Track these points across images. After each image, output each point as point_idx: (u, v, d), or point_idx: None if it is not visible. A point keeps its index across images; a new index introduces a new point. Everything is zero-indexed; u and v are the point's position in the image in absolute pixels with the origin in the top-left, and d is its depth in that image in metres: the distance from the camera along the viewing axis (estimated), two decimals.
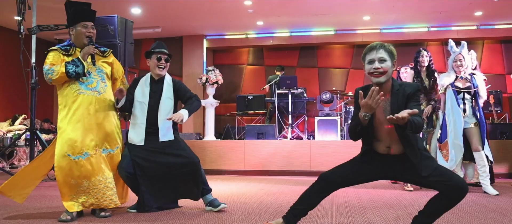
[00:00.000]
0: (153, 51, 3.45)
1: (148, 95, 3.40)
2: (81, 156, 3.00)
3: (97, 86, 3.17)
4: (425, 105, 4.68)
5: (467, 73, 4.51)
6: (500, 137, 6.21)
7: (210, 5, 7.97)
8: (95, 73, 3.20)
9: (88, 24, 3.19)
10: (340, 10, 8.25)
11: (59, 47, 3.19)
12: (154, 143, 3.34)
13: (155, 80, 3.47)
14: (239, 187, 4.92)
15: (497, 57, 9.65)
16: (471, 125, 4.39)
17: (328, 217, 3.13)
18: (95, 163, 3.05)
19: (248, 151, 6.54)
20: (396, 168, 2.43)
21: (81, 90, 3.09)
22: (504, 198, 4.03)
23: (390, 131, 2.39)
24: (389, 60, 2.40)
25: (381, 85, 2.39)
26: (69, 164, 2.97)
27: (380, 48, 2.41)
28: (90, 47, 3.14)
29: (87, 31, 3.17)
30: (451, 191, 2.25)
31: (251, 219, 3.08)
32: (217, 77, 8.83)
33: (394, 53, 2.44)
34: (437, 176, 2.30)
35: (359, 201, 3.86)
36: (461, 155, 4.39)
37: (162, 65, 3.43)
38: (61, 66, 3.03)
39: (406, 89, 2.40)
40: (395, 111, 2.28)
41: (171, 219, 3.08)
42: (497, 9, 8.10)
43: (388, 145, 2.42)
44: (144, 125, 3.34)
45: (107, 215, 3.13)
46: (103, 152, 3.14)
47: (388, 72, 2.39)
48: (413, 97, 2.38)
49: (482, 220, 3.01)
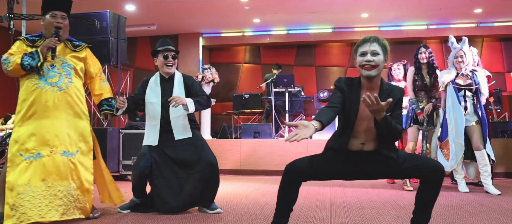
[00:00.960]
0: (159, 49, 3.31)
1: (160, 94, 3.28)
2: (33, 156, 2.73)
3: (59, 82, 2.87)
4: (426, 103, 4.57)
5: (468, 70, 4.40)
6: (501, 136, 6.11)
7: (206, 2, 7.84)
8: (60, 67, 2.91)
9: (57, 14, 2.93)
10: (338, 7, 8.13)
11: (25, 37, 2.96)
12: (170, 141, 3.22)
13: (166, 78, 3.33)
14: (235, 187, 4.81)
15: (496, 55, 9.56)
16: (473, 123, 4.29)
17: (326, 217, 3.03)
18: (52, 165, 2.76)
19: (244, 151, 6.42)
20: (367, 165, 2.35)
21: (39, 84, 2.82)
22: (507, 198, 3.92)
23: (368, 127, 2.32)
24: (381, 54, 2.31)
25: (371, 79, 2.32)
26: (19, 165, 2.71)
27: (374, 41, 2.32)
28: (52, 39, 2.83)
29: (55, 21, 2.91)
30: (428, 174, 2.23)
31: (246, 220, 2.97)
32: (213, 75, 8.72)
33: (388, 47, 2.36)
34: (410, 163, 2.28)
35: (358, 201, 3.74)
36: (462, 154, 4.28)
37: (170, 63, 3.29)
38: (18, 57, 2.78)
39: (395, 92, 2.35)
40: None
41: (163, 220, 2.96)
42: (497, 6, 8.01)
43: (363, 141, 2.35)
44: (158, 126, 3.24)
45: (96, 216, 3.00)
46: (64, 155, 2.81)
47: (380, 66, 2.30)
48: (400, 104, 2.38)
49: (485, 220, 2.90)
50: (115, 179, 5.45)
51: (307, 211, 3.26)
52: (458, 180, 4.41)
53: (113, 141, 5.32)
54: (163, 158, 3.22)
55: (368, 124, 2.32)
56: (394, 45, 9.93)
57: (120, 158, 5.41)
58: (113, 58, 5.52)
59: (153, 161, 3.21)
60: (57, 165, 2.77)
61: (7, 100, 9.39)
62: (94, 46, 3.41)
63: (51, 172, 2.75)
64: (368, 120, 2.31)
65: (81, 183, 2.88)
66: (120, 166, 5.42)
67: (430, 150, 4.61)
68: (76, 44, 3.08)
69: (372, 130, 2.32)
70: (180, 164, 3.21)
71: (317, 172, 2.33)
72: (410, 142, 4.61)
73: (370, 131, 2.33)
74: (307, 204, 3.62)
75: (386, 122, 2.18)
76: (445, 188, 4.65)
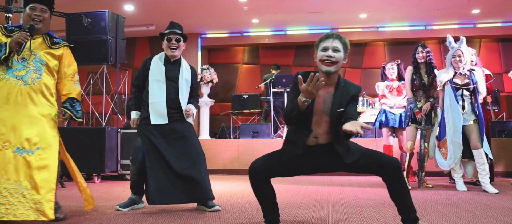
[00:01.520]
0: (164, 32, 3.32)
1: (164, 74, 3.26)
2: None
3: (26, 76, 2.74)
4: (424, 102, 4.58)
5: (466, 69, 4.41)
6: (498, 135, 6.13)
7: (205, 2, 7.85)
8: (31, 62, 2.78)
9: (36, 7, 2.81)
10: (337, 8, 8.15)
11: (4, 26, 2.83)
12: (172, 125, 3.24)
13: (171, 61, 3.33)
14: (233, 186, 4.81)
15: (494, 56, 9.58)
16: (470, 122, 4.30)
17: (324, 216, 3.02)
18: (1, 161, 2.59)
19: (242, 150, 6.43)
20: (324, 160, 2.40)
21: (5, 75, 2.71)
22: (505, 196, 3.93)
23: (321, 121, 2.37)
24: (342, 52, 2.37)
25: (330, 75, 2.37)
26: None
27: (336, 38, 2.38)
28: (23, 34, 2.69)
29: (34, 13, 2.79)
30: (384, 170, 2.28)
31: (243, 218, 2.97)
32: (212, 75, 8.71)
33: (348, 46, 2.43)
34: (366, 159, 2.32)
35: (356, 200, 3.75)
36: (460, 153, 4.29)
37: (174, 46, 3.28)
38: None
39: (351, 89, 2.42)
40: (336, 105, 2.35)
41: (161, 217, 2.96)
42: (495, 6, 8.03)
43: (316, 135, 2.39)
44: (165, 103, 3.21)
45: (61, 217, 2.82)
46: (17, 152, 2.62)
47: (339, 63, 2.37)
48: (355, 99, 2.43)
49: (483, 219, 2.90)
50: (113, 178, 5.51)
51: (305, 210, 3.26)
52: (456, 179, 4.42)
53: (111, 140, 5.32)
54: (156, 150, 3.20)
55: (319, 118, 2.37)
56: (392, 46, 9.95)
57: (118, 158, 5.41)
58: (112, 58, 5.53)
59: (146, 152, 3.20)
60: (6, 162, 2.60)
61: None
62: (93, 46, 3.40)
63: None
64: (319, 114, 2.36)
65: (35, 184, 2.61)
66: (118, 166, 5.42)
67: (428, 149, 4.62)
68: (54, 40, 2.93)
69: (323, 124, 2.37)
70: (172, 156, 3.19)
71: (276, 169, 2.37)
72: (408, 141, 4.63)
73: (321, 125, 2.38)
74: (305, 202, 3.62)
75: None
76: (444, 187, 4.67)
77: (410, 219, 2.33)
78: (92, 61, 5.53)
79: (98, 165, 5.18)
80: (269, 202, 2.42)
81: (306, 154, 2.39)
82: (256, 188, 2.37)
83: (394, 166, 2.27)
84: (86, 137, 5.18)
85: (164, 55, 3.35)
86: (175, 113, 3.26)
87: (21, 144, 2.64)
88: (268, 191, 2.39)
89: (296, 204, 3.56)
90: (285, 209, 3.29)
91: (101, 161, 5.17)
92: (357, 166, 2.37)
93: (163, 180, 3.16)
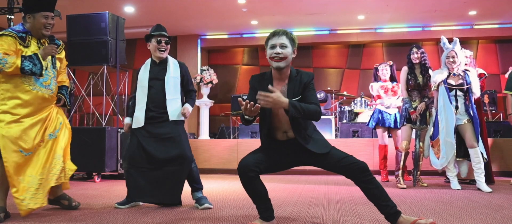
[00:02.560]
0: (153, 34, 3.40)
1: (147, 77, 3.37)
2: (32, 152, 2.91)
3: (51, 84, 3.05)
4: (419, 102, 4.65)
5: (460, 70, 4.48)
6: (494, 135, 6.19)
7: (204, 4, 7.93)
8: (50, 70, 3.04)
9: (49, 15, 2.99)
10: (335, 9, 8.23)
11: (15, 33, 2.92)
12: (154, 126, 3.31)
13: (157, 63, 3.43)
14: (231, 185, 4.88)
15: (491, 57, 9.65)
16: (464, 122, 4.36)
17: (319, 213, 3.09)
18: (45, 151, 2.98)
19: (241, 150, 6.49)
20: (297, 154, 2.50)
21: (35, 86, 2.93)
22: (497, 195, 4.00)
23: (283, 117, 2.47)
24: (289, 47, 2.49)
25: (281, 70, 2.50)
26: (20, 160, 2.84)
27: (283, 35, 2.49)
28: (53, 48, 2.99)
29: (47, 22, 2.98)
30: (352, 173, 2.39)
31: (240, 215, 3.04)
32: (212, 76, 8.78)
33: (296, 41, 2.54)
34: (335, 159, 2.42)
35: (351, 198, 3.81)
36: (453, 153, 4.35)
37: (163, 48, 3.39)
38: (17, 59, 2.81)
39: (303, 77, 2.51)
40: (290, 97, 2.43)
41: (159, 215, 3.04)
42: (491, 8, 8.11)
43: (285, 130, 2.51)
44: (144, 108, 3.33)
45: (76, 204, 3.25)
46: (51, 137, 3.04)
47: (288, 58, 2.49)
48: (309, 86, 2.51)
49: (474, 215, 2.97)
50: (113, 178, 5.58)
51: (301, 207, 3.33)
52: (451, 178, 4.48)
53: (111, 140, 5.39)
54: (146, 137, 3.30)
55: (282, 113, 2.45)
56: (390, 47, 10.03)
57: (118, 157, 5.48)
58: (112, 59, 5.60)
59: (132, 151, 3.32)
60: (48, 150, 3.02)
61: None
62: (93, 47, 3.54)
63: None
64: (281, 110, 2.44)
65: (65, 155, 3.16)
66: (118, 165, 5.49)
67: (423, 149, 4.69)
68: (57, 43, 3.12)
69: (287, 118, 2.46)
70: (159, 149, 3.28)
71: (263, 164, 2.45)
72: (403, 141, 4.70)
73: (286, 120, 2.47)
74: (301, 200, 3.69)
75: (295, 109, 2.33)
76: (439, 186, 4.74)
77: (392, 214, 2.42)
78: (93, 62, 5.61)
79: (98, 164, 5.25)
80: (261, 198, 2.51)
81: (280, 149, 2.52)
82: (247, 185, 2.46)
83: (360, 169, 2.37)
84: (87, 137, 5.26)
85: (150, 61, 3.46)
86: (164, 113, 3.34)
87: (51, 131, 3.04)
88: (259, 188, 2.48)
89: (292, 202, 3.63)
90: (280, 206, 3.36)
91: (101, 161, 5.24)
92: (327, 165, 2.46)
93: (143, 179, 3.28)
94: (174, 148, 3.28)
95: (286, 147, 2.53)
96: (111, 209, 3.27)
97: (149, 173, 3.29)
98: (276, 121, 2.51)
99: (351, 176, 2.42)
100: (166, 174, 3.28)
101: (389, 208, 2.41)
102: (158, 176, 3.28)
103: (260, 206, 2.53)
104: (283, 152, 2.54)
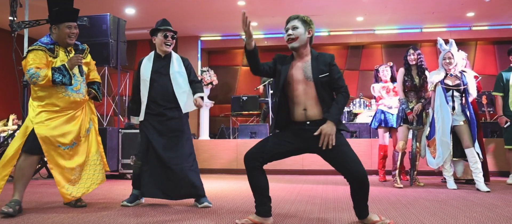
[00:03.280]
0: (160, 28, 3.47)
1: (150, 70, 3.44)
2: (70, 146, 3.22)
3: (81, 89, 3.29)
4: (415, 103, 4.71)
5: (457, 71, 4.54)
6: (491, 135, 6.25)
7: (205, 6, 8.01)
8: (79, 76, 3.29)
9: (71, 25, 3.22)
10: (334, 10, 8.29)
11: (44, 47, 3.15)
12: (162, 123, 3.38)
13: (161, 57, 3.50)
14: (230, 185, 4.94)
15: (490, 58, 9.71)
16: (461, 123, 4.42)
17: (315, 211, 3.15)
18: (84, 145, 3.33)
19: (240, 150, 6.55)
20: (311, 137, 2.54)
21: (68, 92, 3.19)
22: (493, 194, 4.06)
23: (307, 90, 2.56)
24: (301, 28, 2.61)
25: (297, 50, 2.63)
26: (60, 154, 3.16)
27: (295, 19, 2.65)
28: (78, 58, 3.19)
29: (71, 32, 3.21)
30: (352, 179, 2.49)
31: (239, 212, 3.10)
32: (212, 78, 8.84)
33: (309, 21, 2.64)
34: (339, 154, 2.50)
35: (347, 197, 3.85)
36: (449, 152, 4.42)
37: (169, 42, 3.47)
38: (48, 71, 3.05)
39: (326, 58, 2.63)
40: (316, 75, 2.55)
41: (159, 213, 3.10)
42: (489, 10, 8.17)
43: (305, 107, 2.57)
44: (146, 102, 3.41)
45: (82, 205, 3.33)
46: (87, 132, 3.37)
47: (300, 38, 2.59)
48: (333, 67, 2.60)
49: (467, 213, 3.04)
50: (114, 178, 5.65)
51: (298, 206, 3.40)
52: (447, 177, 4.54)
53: (112, 140, 5.46)
54: (152, 148, 3.37)
55: (305, 88, 2.55)
56: (389, 48, 10.09)
57: (119, 157, 5.55)
58: (113, 60, 5.67)
59: (143, 149, 3.40)
60: (85, 147, 3.37)
61: (9, 101, 9.53)
62: (94, 48, 3.67)
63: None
64: (304, 83, 2.56)
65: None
66: (119, 165, 5.55)
67: (420, 149, 4.75)
68: (81, 48, 3.34)
69: (310, 94, 2.56)
70: (165, 153, 3.35)
71: (268, 151, 2.55)
72: (400, 141, 4.76)
73: (308, 95, 2.56)
74: (298, 199, 3.76)
75: (338, 116, 2.51)
76: (435, 185, 4.80)
77: (362, 215, 2.64)
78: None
79: None
80: (260, 191, 2.58)
81: (291, 135, 2.59)
82: (251, 175, 2.56)
83: (361, 179, 2.47)
84: None
85: (153, 54, 3.53)
86: (172, 108, 3.41)
87: (86, 127, 3.36)
88: (259, 179, 2.57)
89: (289, 200, 3.69)
90: (278, 204, 3.42)
91: None
92: (333, 159, 2.54)
93: (156, 176, 3.34)
94: (182, 145, 3.39)
95: (299, 133, 2.58)
96: (113, 208, 3.33)
97: (163, 169, 3.35)
98: (295, 96, 2.59)
99: (350, 180, 2.51)
100: (181, 170, 3.33)
101: (363, 210, 2.61)
102: (171, 171, 3.33)
103: (259, 201, 2.60)
104: (294, 138, 2.59)
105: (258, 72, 2.65)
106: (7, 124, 8.15)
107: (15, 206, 2.93)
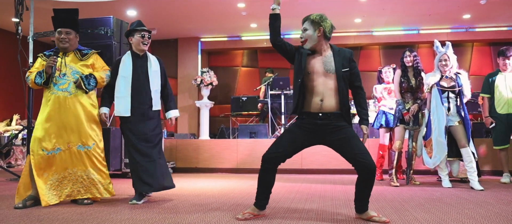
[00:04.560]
0: (137, 29, 3.70)
1: (131, 68, 3.64)
2: (54, 151, 3.37)
3: (69, 87, 3.45)
4: (412, 104, 4.83)
5: (452, 73, 4.66)
6: (485, 136, 6.37)
7: (205, 8, 8.11)
8: (70, 75, 3.48)
9: (62, 31, 3.50)
10: (332, 12, 8.38)
11: (43, 54, 3.55)
12: (143, 123, 3.61)
13: (139, 56, 3.72)
14: (230, 184, 5.04)
15: (486, 60, 9.84)
16: (456, 123, 4.54)
17: (313, 209, 3.25)
18: (69, 157, 3.40)
19: (240, 150, 6.66)
20: (325, 130, 2.71)
21: (53, 90, 3.42)
22: (485, 192, 4.17)
23: (327, 82, 2.71)
24: (310, 29, 2.78)
25: (312, 49, 2.78)
26: (43, 158, 3.33)
27: (305, 21, 2.84)
28: (51, 59, 3.38)
29: (60, 37, 3.48)
30: (363, 169, 2.62)
31: (239, 209, 3.19)
32: (212, 78, 8.97)
33: (317, 21, 2.79)
34: (351, 145, 2.66)
35: (346, 195, 3.99)
36: (444, 152, 4.53)
37: (146, 41, 3.72)
38: (33, 75, 3.41)
39: (346, 53, 2.81)
40: (339, 68, 2.72)
41: (159, 211, 3.20)
42: (485, 12, 8.29)
43: (322, 98, 2.71)
44: (129, 98, 3.61)
45: (89, 202, 3.44)
46: (79, 148, 3.43)
47: (311, 38, 2.78)
48: (353, 61, 2.80)
49: (459, 210, 3.15)
50: (117, 176, 5.75)
51: (297, 204, 3.50)
52: (442, 176, 4.66)
53: (115, 140, 5.57)
54: (137, 125, 3.61)
55: (325, 80, 2.71)
56: (387, 49, 10.21)
57: (122, 157, 5.66)
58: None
59: (128, 150, 3.64)
60: (73, 157, 3.42)
61: (13, 102, 9.64)
62: (98, 51, 3.81)
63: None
64: (324, 75, 2.71)
65: (100, 170, 3.53)
66: (122, 164, 5.66)
67: (416, 148, 4.87)
68: (84, 53, 3.60)
69: (329, 85, 2.71)
70: (150, 151, 3.61)
71: (287, 149, 2.72)
72: (396, 141, 4.88)
73: (327, 86, 2.72)
74: (297, 197, 3.86)
75: (366, 118, 2.80)
76: (431, 184, 4.92)
77: (362, 209, 2.76)
78: None
79: None
80: (266, 188, 2.80)
81: (306, 128, 2.73)
82: (264, 173, 2.76)
83: (371, 170, 2.62)
84: None
85: (130, 54, 3.72)
86: (149, 108, 3.64)
87: (81, 141, 3.42)
88: (269, 179, 2.78)
89: (289, 198, 3.80)
90: (278, 203, 3.53)
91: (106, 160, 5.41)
92: (344, 149, 2.69)
93: (147, 172, 3.57)
94: (158, 142, 3.68)
95: (311, 127, 2.73)
96: (120, 205, 3.44)
97: (149, 166, 3.58)
98: (314, 86, 2.73)
99: (360, 170, 2.65)
100: (159, 165, 3.63)
101: (364, 204, 2.75)
102: (154, 168, 3.59)
103: (260, 195, 2.79)
104: (306, 132, 2.74)
105: (276, 41, 2.80)
106: (10, 124, 8.24)
107: (25, 202, 3.23)
